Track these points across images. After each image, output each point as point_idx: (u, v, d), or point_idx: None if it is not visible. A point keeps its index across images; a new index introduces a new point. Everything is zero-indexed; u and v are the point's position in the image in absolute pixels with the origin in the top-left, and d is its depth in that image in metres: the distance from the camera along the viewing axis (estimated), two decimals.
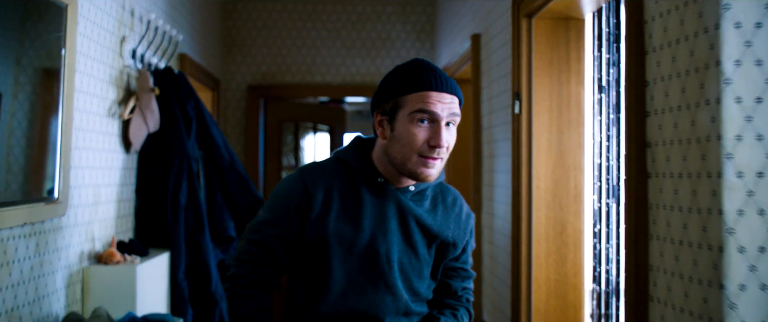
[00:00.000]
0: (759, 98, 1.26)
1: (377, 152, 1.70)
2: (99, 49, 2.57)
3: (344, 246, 1.67)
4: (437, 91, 1.63)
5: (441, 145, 1.61)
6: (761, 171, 1.26)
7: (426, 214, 1.72)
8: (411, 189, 1.70)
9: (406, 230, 1.70)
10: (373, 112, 1.71)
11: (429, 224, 1.71)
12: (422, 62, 1.67)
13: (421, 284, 1.74)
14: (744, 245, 1.26)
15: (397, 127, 1.63)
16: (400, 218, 1.70)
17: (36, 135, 2.07)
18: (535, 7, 2.49)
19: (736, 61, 1.26)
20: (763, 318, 1.26)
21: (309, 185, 1.68)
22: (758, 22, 1.26)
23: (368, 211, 1.68)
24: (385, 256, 1.68)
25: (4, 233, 1.87)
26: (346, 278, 1.68)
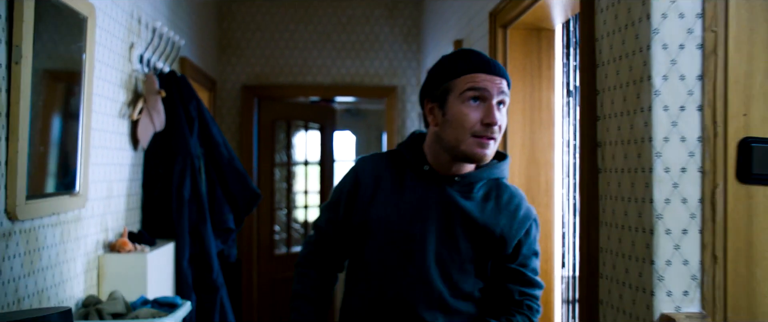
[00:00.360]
0: (682, 107, 1.53)
1: (428, 142, 1.72)
2: (111, 56, 2.81)
3: (382, 231, 1.70)
4: (486, 72, 1.62)
5: (494, 122, 1.59)
6: (684, 167, 1.53)
7: (472, 206, 1.68)
8: (456, 179, 1.69)
9: (447, 220, 1.68)
10: (422, 104, 1.73)
11: (474, 216, 1.67)
12: (469, 49, 1.70)
13: (462, 278, 1.69)
14: (670, 228, 1.53)
15: (449, 110, 1.63)
16: (442, 207, 1.68)
17: (62, 136, 2.31)
18: (510, 19, 2.74)
19: (663, 76, 1.53)
20: (685, 288, 1.52)
21: (359, 172, 1.75)
22: (681, 44, 1.52)
23: (410, 197, 1.69)
24: (420, 242, 1.67)
25: (36, 222, 2.11)
26: (381, 263, 1.70)
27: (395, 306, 1.68)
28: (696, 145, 1.52)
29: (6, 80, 1.90)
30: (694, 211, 1.52)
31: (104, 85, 2.72)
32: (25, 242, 2.04)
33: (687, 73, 1.52)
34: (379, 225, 1.70)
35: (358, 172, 1.77)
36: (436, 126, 1.68)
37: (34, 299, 2.12)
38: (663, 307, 1.51)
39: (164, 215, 3.24)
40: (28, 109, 1.96)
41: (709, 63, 1.50)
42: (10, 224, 1.93)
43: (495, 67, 1.65)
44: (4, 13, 1.88)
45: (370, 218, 1.70)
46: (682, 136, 1.52)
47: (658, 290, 1.52)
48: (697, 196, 1.52)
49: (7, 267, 1.93)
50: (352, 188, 1.76)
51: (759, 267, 1.48)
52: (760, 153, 1.47)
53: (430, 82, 1.70)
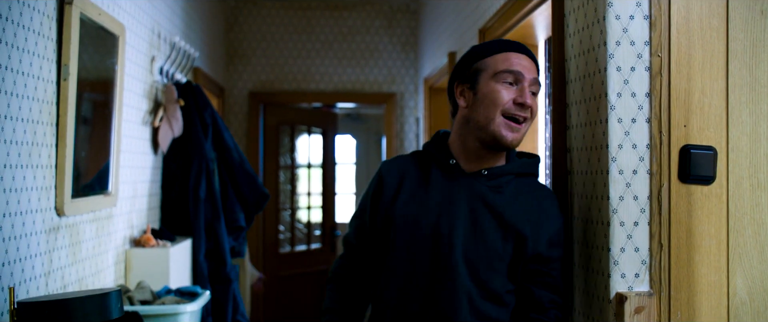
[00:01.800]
0: (634, 119, 1.82)
1: (453, 136, 1.75)
2: (136, 69, 3.10)
3: (409, 227, 1.68)
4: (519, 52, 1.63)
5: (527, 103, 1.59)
6: (635, 169, 1.82)
7: (501, 200, 1.67)
8: (484, 173, 1.69)
9: (475, 215, 1.66)
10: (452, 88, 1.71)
11: (503, 211, 1.66)
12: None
13: (492, 277, 1.67)
14: (624, 221, 1.82)
15: (480, 89, 1.61)
16: (470, 201, 1.66)
17: (98, 142, 2.60)
18: (497, 36, 3.03)
19: (617, 94, 1.82)
20: (637, 271, 1.81)
21: (384, 173, 1.77)
22: (632, 67, 1.81)
23: (436, 193, 1.69)
24: (447, 236, 1.65)
25: (78, 218, 2.40)
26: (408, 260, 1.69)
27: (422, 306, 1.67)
28: (645, 151, 1.81)
29: (56, 95, 2.19)
30: (644, 206, 1.81)
31: (130, 96, 3.01)
32: (70, 236, 2.33)
33: (637, 91, 1.81)
34: (404, 223, 1.68)
35: (381, 173, 1.78)
36: (466, 107, 1.67)
37: (76, 286, 2.40)
38: (618, 287, 1.80)
39: (181, 214, 3.53)
40: (74, 119, 2.25)
41: (656, 83, 1.79)
42: (58, 219, 2.22)
43: (529, 52, 1.67)
44: (55, 37, 2.17)
45: (395, 216, 1.69)
46: (634, 144, 1.82)
47: (614, 272, 1.81)
48: (646, 193, 1.81)
49: (56, 257, 2.22)
50: (377, 189, 1.77)
51: (697, 253, 1.78)
52: (697, 158, 1.76)
53: (462, 64, 1.69)
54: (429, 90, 4.94)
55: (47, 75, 2.13)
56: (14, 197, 1.93)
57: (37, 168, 2.07)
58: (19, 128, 1.95)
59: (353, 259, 1.88)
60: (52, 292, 2.18)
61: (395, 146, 5.71)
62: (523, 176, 1.77)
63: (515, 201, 1.71)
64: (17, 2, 1.93)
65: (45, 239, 2.13)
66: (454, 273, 1.65)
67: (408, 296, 1.70)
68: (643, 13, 1.80)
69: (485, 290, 1.68)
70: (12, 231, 1.92)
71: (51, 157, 2.17)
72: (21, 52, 1.96)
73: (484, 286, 1.67)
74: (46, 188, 2.14)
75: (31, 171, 2.03)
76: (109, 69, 2.64)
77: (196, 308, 2.64)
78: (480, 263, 1.66)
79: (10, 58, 1.90)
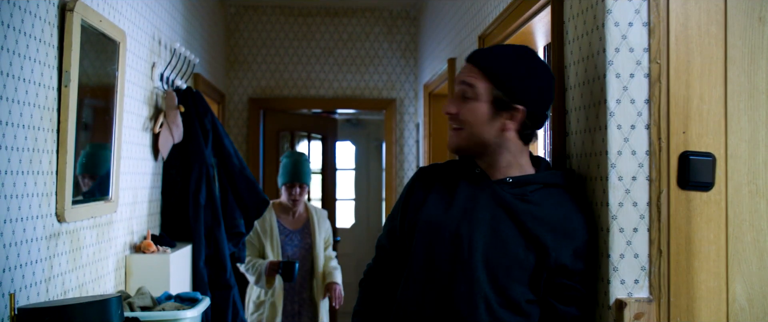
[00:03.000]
0: (633, 125, 1.83)
1: None
2: (136, 75, 3.11)
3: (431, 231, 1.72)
4: (467, 62, 1.70)
5: (444, 111, 1.69)
6: (635, 176, 1.83)
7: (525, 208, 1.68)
8: (508, 180, 1.73)
9: (497, 221, 1.67)
10: None
11: (524, 219, 1.66)
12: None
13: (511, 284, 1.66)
14: (623, 227, 1.82)
15: None
16: (493, 208, 1.69)
17: (99, 148, 2.60)
18: (497, 42, 3.05)
19: (617, 100, 1.83)
20: (636, 277, 1.82)
21: (415, 179, 1.84)
22: (632, 73, 1.82)
23: (461, 198, 1.72)
24: (467, 241, 1.67)
25: (78, 224, 2.40)
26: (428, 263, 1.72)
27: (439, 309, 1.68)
28: (644, 157, 1.82)
29: (57, 101, 2.20)
30: (643, 212, 1.81)
31: (131, 102, 3.02)
32: (70, 242, 2.33)
33: (636, 97, 1.82)
34: (427, 226, 1.72)
35: (414, 179, 1.84)
36: None
37: (77, 292, 2.41)
38: (617, 293, 1.81)
39: (181, 219, 3.53)
40: (75, 125, 2.26)
41: (655, 89, 1.80)
42: (59, 226, 2.23)
43: (471, 55, 1.70)
44: (56, 43, 2.18)
45: (420, 219, 1.74)
46: (633, 150, 1.82)
47: (614, 278, 1.81)
48: (645, 200, 1.82)
49: (57, 263, 2.22)
50: (407, 194, 1.83)
51: (696, 259, 1.78)
52: (696, 164, 1.77)
53: None
54: (429, 96, 4.95)
55: (48, 82, 2.14)
56: (15, 203, 1.93)
57: (38, 174, 2.08)
58: (20, 135, 1.96)
59: (383, 262, 1.91)
60: (52, 298, 2.19)
61: (395, 152, 5.73)
62: (551, 187, 1.77)
63: (540, 210, 1.71)
64: (18, 9, 1.93)
65: (45, 245, 2.13)
66: (473, 277, 1.66)
67: (426, 298, 1.72)
68: (642, 20, 1.81)
69: (504, 297, 1.68)
70: (13, 237, 1.92)
71: (52, 164, 2.17)
72: (22, 58, 1.96)
73: (502, 293, 1.67)
74: (47, 194, 2.14)
75: (31, 177, 2.03)
76: (109, 75, 2.65)
77: (196, 314, 2.64)
78: (499, 269, 1.66)
79: (12, 64, 1.90)
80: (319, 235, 4.33)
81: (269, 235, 4.25)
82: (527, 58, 1.77)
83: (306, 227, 4.36)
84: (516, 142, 1.78)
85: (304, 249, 4.31)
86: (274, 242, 4.23)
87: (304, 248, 4.32)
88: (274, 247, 4.23)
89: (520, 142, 1.79)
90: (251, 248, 4.23)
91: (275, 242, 4.23)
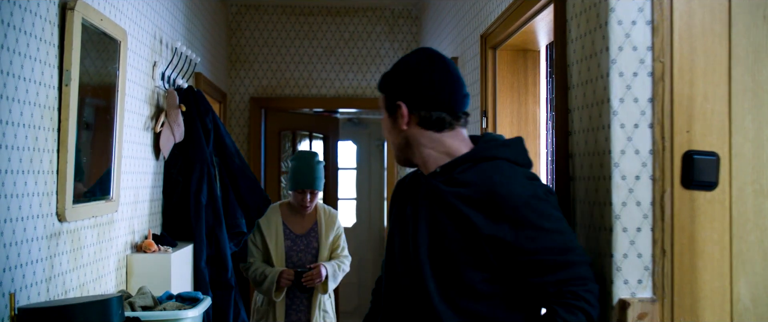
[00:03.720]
0: (636, 124, 1.81)
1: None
2: (137, 74, 3.10)
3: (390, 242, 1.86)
4: None
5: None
6: (638, 175, 1.81)
7: (453, 191, 1.67)
8: (437, 170, 1.77)
9: (433, 213, 1.69)
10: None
11: (453, 201, 1.65)
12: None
13: (464, 270, 1.64)
14: (626, 227, 1.81)
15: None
16: (429, 201, 1.72)
17: (100, 147, 2.60)
18: (499, 41, 3.04)
19: (620, 99, 1.81)
20: (639, 277, 1.81)
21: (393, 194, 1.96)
22: (635, 72, 1.81)
23: (409, 203, 1.80)
24: (413, 242, 1.73)
25: (79, 223, 2.40)
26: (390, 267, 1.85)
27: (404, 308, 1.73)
28: (647, 156, 1.81)
29: (57, 100, 2.19)
30: (647, 212, 1.80)
31: (132, 101, 3.01)
32: (71, 241, 2.33)
33: (640, 96, 1.81)
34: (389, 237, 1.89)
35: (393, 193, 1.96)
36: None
37: (77, 292, 2.40)
38: (621, 293, 1.80)
39: (183, 219, 3.52)
40: (75, 125, 2.25)
41: (658, 88, 1.79)
42: (59, 225, 2.22)
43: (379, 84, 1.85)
44: (57, 42, 2.17)
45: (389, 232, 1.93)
46: (636, 149, 1.81)
47: (617, 279, 1.80)
48: (648, 199, 1.81)
49: (57, 262, 2.21)
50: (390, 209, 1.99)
51: (700, 259, 1.77)
52: (700, 164, 1.76)
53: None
54: None
55: (49, 80, 2.13)
56: (15, 202, 1.92)
57: (39, 174, 2.07)
58: (21, 134, 1.95)
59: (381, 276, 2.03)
60: (53, 297, 2.18)
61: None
62: (484, 161, 1.71)
63: (467, 189, 1.65)
64: (19, 8, 1.93)
65: (46, 245, 2.12)
66: (421, 275, 1.68)
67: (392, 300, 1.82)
68: (646, 18, 1.80)
69: (458, 286, 1.64)
70: (13, 237, 1.91)
71: (52, 163, 2.17)
72: (22, 57, 1.95)
73: (455, 282, 1.65)
74: (48, 193, 2.13)
75: (32, 177, 2.02)
76: (110, 74, 2.64)
77: (197, 314, 2.63)
78: (445, 259, 1.66)
79: (12, 63, 1.90)
80: (326, 240, 4.00)
81: (274, 239, 3.96)
82: (407, 58, 1.83)
83: (313, 230, 4.05)
84: (426, 134, 1.78)
85: (310, 255, 4.01)
86: (278, 248, 3.96)
87: (311, 254, 4.01)
88: (278, 253, 3.95)
89: (432, 132, 1.77)
90: (256, 252, 3.98)
91: (279, 248, 3.95)
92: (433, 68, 1.78)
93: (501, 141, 1.79)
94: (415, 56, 1.83)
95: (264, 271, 3.85)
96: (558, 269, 1.60)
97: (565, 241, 1.63)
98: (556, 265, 1.60)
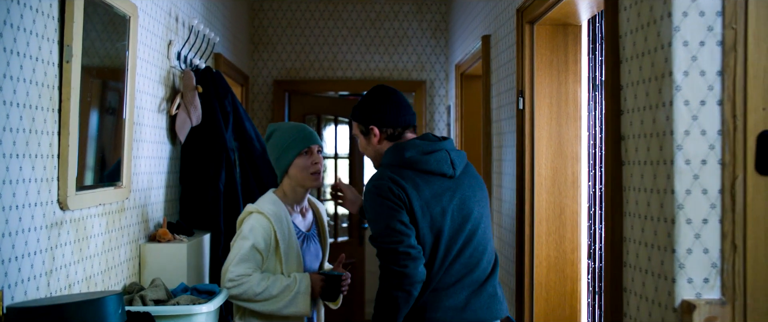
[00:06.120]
0: (703, 101, 1.59)
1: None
2: (151, 53, 2.92)
3: None
4: None
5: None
6: (705, 159, 1.59)
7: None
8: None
9: None
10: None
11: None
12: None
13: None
14: (691, 218, 1.59)
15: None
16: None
17: (107, 130, 2.42)
18: (537, 15, 2.81)
19: (684, 72, 1.59)
20: (706, 276, 1.59)
21: None
22: (702, 41, 1.58)
23: None
24: None
25: (84, 212, 2.23)
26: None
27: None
28: (716, 138, 1.58)
29: (58, 78, 2.01)
30: (714, 201, 1.58)
31: (145, 82, 2.84)
32: (75, 231, 2.16)
33: (707, 68, 1.58)
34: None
35: None
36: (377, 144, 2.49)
37: (83, 285, 2.23)
38: (684, 294, 1.58)
39: (200, 207, 3.35)
40: (78, 105, 2.07)
41: (729, 59, 1.56)
42: (61, 214, 2.05)
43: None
44: (57, 15, 1.99)
45: None
46: (703, 130, 1.59)
47: (680, 277, 1.58)
48: (717, 187, 1.58)
49: (59, 254, 2.04)
50: None
51: None
52: None
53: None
54: (461, 77, 4.72)
55: (47, 56, 1.95)
56: (8, 189, 1.75)
57: (37, 158, 1.90)
58: (14, 114, 1.78)
59: None
60: (55, 292, 2.01)
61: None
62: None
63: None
64: None
65: (46, 235, 1.95)
66: None
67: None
68: None
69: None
70: (6, 227, 1.74)
71: (52, 146, 1.99)
72: (16, 30, 1.78)
73: None
74: (47, 179, 1.96)
75: (28, 161, 1.85)
76: (119, 52, 2.46)
77: (212, 309, 2.46)
78: None
79: (3, 36, 1.72)
80: (326, 239, 2.94)
81: (287, 239, 2.67)
82: (368, 95, 2.56)
83: (316, 225, 2.89)
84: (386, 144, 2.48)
85: (318, 259, 2.88)
86: (292, 251, 2.69)
87: (318, 258, 2.88)
88: (292, 258, 2.69)
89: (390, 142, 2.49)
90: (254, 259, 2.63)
91: (293, 251, 2.69)
92: (387, 100, 2.48)
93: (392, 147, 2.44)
94: (375, 92, 2.53)
95: (279, 282, 2.61)
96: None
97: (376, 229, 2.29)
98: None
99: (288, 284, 2.62)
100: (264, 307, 2.61)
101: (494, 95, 3.63)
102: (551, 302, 2.92)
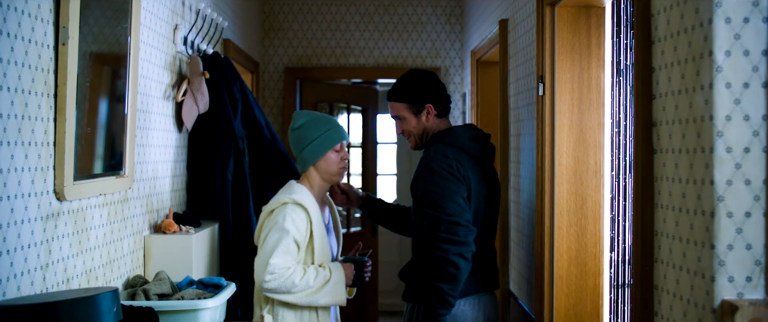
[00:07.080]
0: (746, 84, 1.45)
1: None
2: (156, 37, 2.81)
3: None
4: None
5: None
6: (748, 147, 1.46)
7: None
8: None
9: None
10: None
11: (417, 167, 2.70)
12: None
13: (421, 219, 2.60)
14: (732, 211, 1.46)
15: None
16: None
17: (108, 117, 2.32)
18: None
19: (726, 52, 1.45)
20: (748, 274, 1.46)
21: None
22: (746, 18, 1.45)
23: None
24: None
25: (84, 202, 2.12)
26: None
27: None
28: (761, 124, 1.45)
29: (53, 61, 1.91)
30: (759, 193, 1.45)
31: (149, 67, 2.73)
32: (74, 223, 2.06)
33: (752, 48, 1.45)
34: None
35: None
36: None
37: (83, 279, 2.14)
38: (724, 293, 1.45)
39: (208, 197, 3.25)
40: (75, 90, 1.97)
41: None
42: (58, 204, 1.95)
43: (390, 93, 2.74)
44: None
45: None
46: (746, 115, 1.45)
47: (719, 275, 1.46)
48: (761, 177, 1.45)
49: (56, 247, 1.94)
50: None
51: None
52: None
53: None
54: (476, 63, 4.58)
55: (41, 38, 1.84)
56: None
57: (30, 145, 1.79)
58: (5, 99, 1.67)
59: None
60: (51, 287, 1.91)
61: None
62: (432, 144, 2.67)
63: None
64: None
65: (41, 227, 1.85)
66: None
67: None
68: None
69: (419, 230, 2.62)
70: None
71: (48, 134, 1.89)
72: (6, 9, 1.67)
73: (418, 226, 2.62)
74: (42, 168, 1.86)
75: (21, 149, 1.75)
76: (120, 36, 2.35)
77: (217, 303, 2.36)
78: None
79: None
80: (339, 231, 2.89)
81: (320, 231, 2.61)
82: (415, 75, 2.74)
83: (330, 217, 2.85)
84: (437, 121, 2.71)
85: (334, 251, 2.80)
86: (324, 243, 2.63)
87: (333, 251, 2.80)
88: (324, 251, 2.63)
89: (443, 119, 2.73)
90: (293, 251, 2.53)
91: (324, 243, 2.63)
92: (435, 80, 2.72)
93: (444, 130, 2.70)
94: (420, 73, 2.73)
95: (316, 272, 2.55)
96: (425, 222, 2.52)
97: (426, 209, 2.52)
98: (426, 219, 2.53)
99: (324, 274, 2.56)
100: (302, 299, 2.53)
101: (512, 82, 3.50)
102: (572, 296, 2.79)
